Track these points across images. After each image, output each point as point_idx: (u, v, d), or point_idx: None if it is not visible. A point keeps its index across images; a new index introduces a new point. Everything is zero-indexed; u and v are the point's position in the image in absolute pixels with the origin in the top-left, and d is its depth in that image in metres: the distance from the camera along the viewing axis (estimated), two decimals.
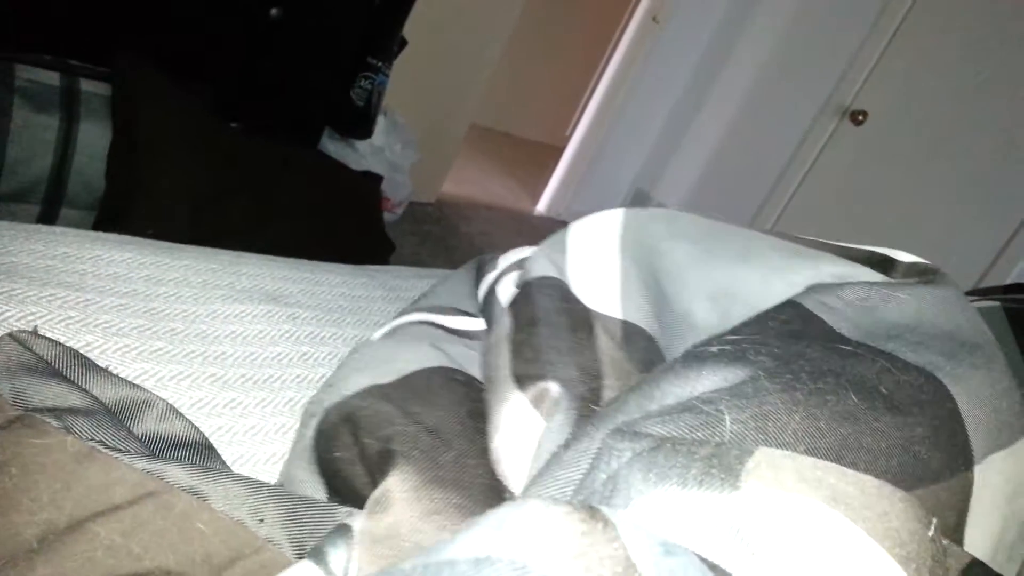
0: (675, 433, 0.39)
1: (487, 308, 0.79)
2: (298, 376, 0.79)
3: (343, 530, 0.48)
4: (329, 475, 0.59)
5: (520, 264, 0.79)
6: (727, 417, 0.39)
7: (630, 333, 0.63)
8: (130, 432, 0.53)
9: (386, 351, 0.69)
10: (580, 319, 0.62)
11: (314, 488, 0.59)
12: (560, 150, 3.69)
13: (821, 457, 0.37)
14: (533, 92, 4.83)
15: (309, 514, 0.51)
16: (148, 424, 0.55)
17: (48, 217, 1.46)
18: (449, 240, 2.79)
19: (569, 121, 5.02)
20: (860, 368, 0.44)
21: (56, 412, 0.50)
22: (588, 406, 0.52)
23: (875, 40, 2.75)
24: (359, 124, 2.07)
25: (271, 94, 1.82)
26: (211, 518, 0.48)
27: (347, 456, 0.56)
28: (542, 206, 3.63)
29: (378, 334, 0.76)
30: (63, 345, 0.57)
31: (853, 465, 0.37)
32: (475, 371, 0.67)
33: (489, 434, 0.55)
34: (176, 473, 0.49)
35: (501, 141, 4.70)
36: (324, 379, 0.75)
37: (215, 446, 0.61)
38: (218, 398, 0.70)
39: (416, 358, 0.66)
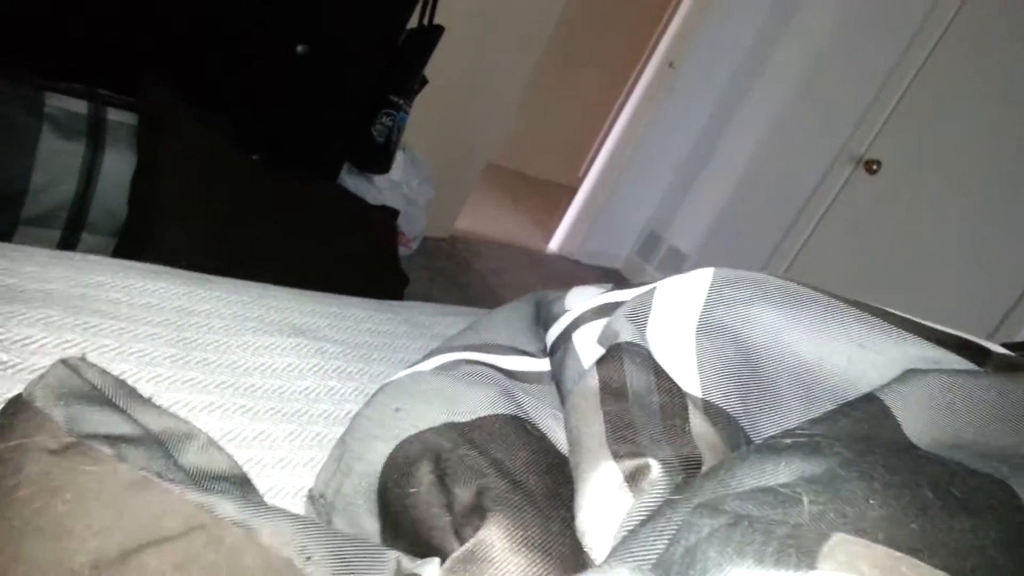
0: (754, 511, 0.40)
1: (560, 354, 0.79)
2: (325, 412, 0.80)
3: None
4: (394, 508, 0.59)
5: (601, 311, 0.79)
6: (805, 499, 0.40)
7: (712, 412, 0.63)
8: (178, 465, 0.54)
9: (451, 387, 0.70)
10: (672, 401, 0.62)
11: (363, 513, 0.60)
12: (573, 190, 3.73)
13: (897, 547, 0.38)
14: (547, 132, 4.89)
15: (356, 555, 0.52)
16: (190, 456, 0.57)
17: (69, 243, 1.49)
18: (461, 276, 2.81)
19: (582, 161, 5.08)
20: (932, 468, 0.46)
21: (109, 440, 0.51)
22: (679, 481, 0.53)
23: (891, 89, 2.79)
24: (378, 160, 2.11)
25: (293, 128, 1.86)
26: (259, 554, 0.48)
27: (428, 499, 0.57)
28: (554, 245, 3.66)
29: (429, 365, 0.77)
30: (110, 374, 0.59)
31: (929, 561, 0.38)
32: (545, 422, 0.67)
33: (576, 501, 0.56)
34: (226, 507, 0.49)
35: (515, 179, 4.75)
36: (351, 415, 0.76)
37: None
38: (248, 430, 0.72)
39: (488, 401, 0.67)
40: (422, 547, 0.56)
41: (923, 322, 0.65)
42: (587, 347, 0.75)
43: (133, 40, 1.57)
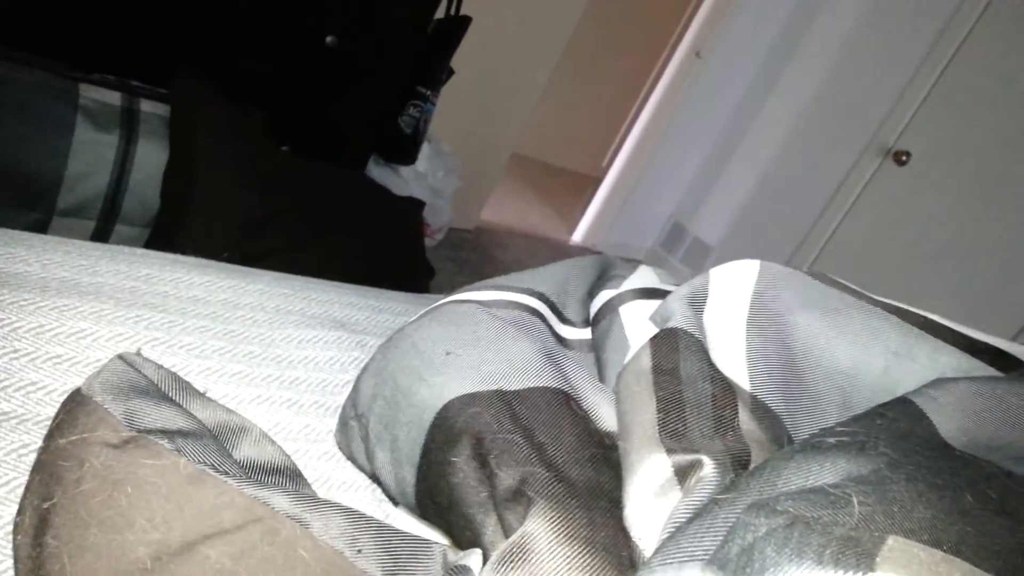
0: (808, 512, 0.40)
1: (604, 323, 0.79)
2: None
3: (463, 572, 0.49)
4: (434, 469, 0.60)
5: (649, 293, 0.79)
6: (855, 500, 0.41)
7: (758, 408, 0.64)
8: (232, 458, 0.55)
9: (500, 335, 0.70)
10: (723, 392, 0.63)
11: (404, 460, 0.62)
12: (597, 181, 3.72)
13: (943, 548, 0.38)
14: (571, 123, 4.87)
15: (404, 549, 0.53)
16: (244, 449, 0.58)
17: (102, 233, 1.50)
18: (486, 267, 2.82)
19: (607, 152, 5.06)
20: (969, 471, 0.46)
21: (166, 434, 0.52)
22: (728, 478, 0.53)
23: (921, 80, 2.76)
24: (405, 151, 2.11)
25: (322, 119, 1.86)
26: (313, 546, 0.49)
27: (469, 472, 0.58)
28: (578, 236, 3.65)
29: (482, 296, 0.77)
30: (165, 368, 0.60)
31: (971, 561, 0.39)
32: (588, 397, 0.67)
33: (624, 490, 0.56)
34: (280, 500, 0.50)
35: (539, 170, 4.74)
36: None
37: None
38: (294, 423, 0.73)
39: (535, 367, 0.66)
40: (456, 516, 0.57)
41: (957, 328, 0.66)
42: (635, 323, 0.75)
43: (165, 32, 1.58)
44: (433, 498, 0.60)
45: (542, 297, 0.80)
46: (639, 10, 4.38)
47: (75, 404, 0.54)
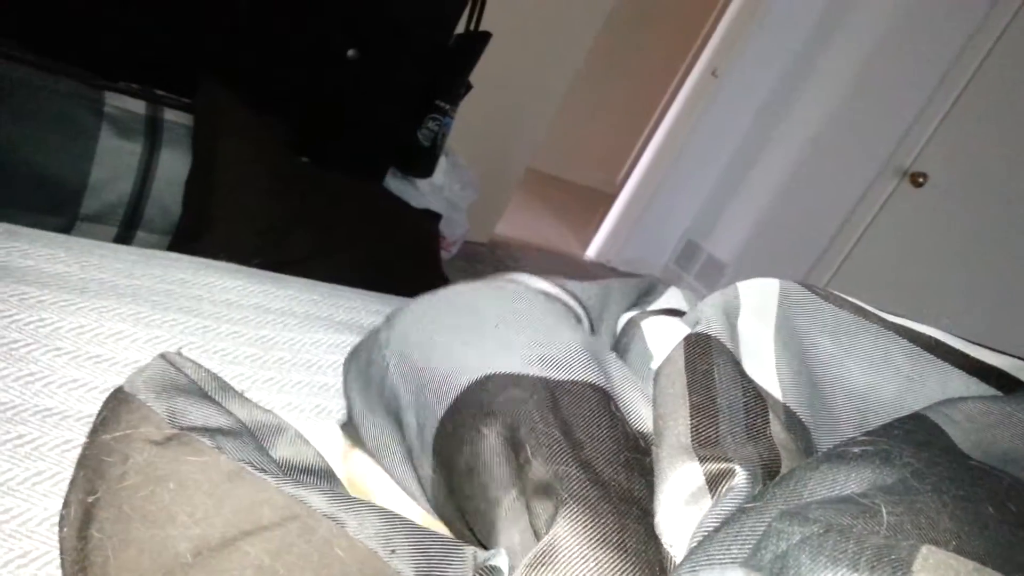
0: (838, 520, 0.42)
1: (624, 341, 0.80)
2: None
3: (494, 573, 0.50)
4: (458, 434, 0.60)
5: (673, 312, 0.80)
6: (883, 509, 0.42)
7: (790, 418, 0.65)
8: (270, 456, 0.56)
9: (550, 323, 0.70)
10: (755, 400, 0.63)
11: (416, 409, 0.63)
12: (612, 197, 3.73)
13: (968, 558, 0.40)
14: (587, 139, 4.90)
15: (437, 550, 0.54)
16: (280, 449, 0.59)
17: (124, 239, 1.52)
18: None
19: (621, 168, 5.08)
20: (989, 483, 0.48)
21: (207, 431, 0.53)
22: (756, 488, 0.54)
23: (940, 101, 2.77)
24: (423, 163, 2.13)
25: (342, 131, 1.89)
26: (348, 545, 0.50)
27: (499, 450, 0.58)
28: (592, 251, 3.67)
29: (533, 282, 0.77)
30: (205, 368, 0.61)
31: (1002, 570, 0.40)
32: (627, 395, 0.67)
33: (656, 497, 0.57)
34: (317, 499, 0.51)
35: (554, 185, 4.77)
36: None
37: None
38: (323, 429, 0.73)
39: (583, 360, 0.66)
40: (473, 483, 0.58)
41: (964, 349, 0.69)
42: (658, 333, 0.75)
43: (189, 43, 1.61)
44: (452, 454, 0.60)
45: (583, 306, 0.81)
46: (656, 28, 4.42)
47: (119, 401, 0.55)
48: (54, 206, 1.44)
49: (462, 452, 0.59)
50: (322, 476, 0.60)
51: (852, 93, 3.09)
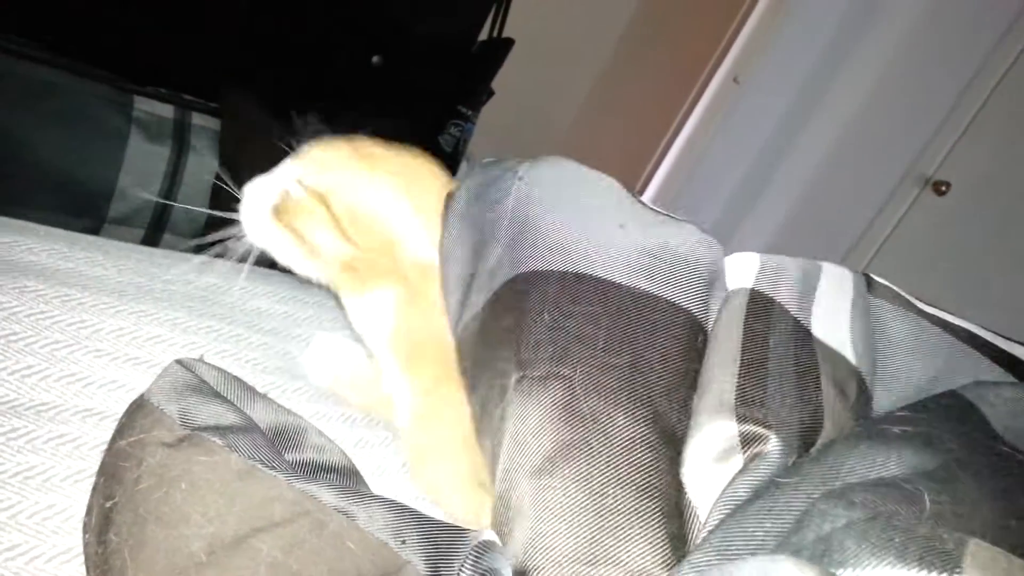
0: (886, 507, 0.42)
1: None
2: None
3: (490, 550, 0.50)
4: (515, 303, 0.61)
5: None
6: (926, 497, 0.43)
7: (860, 384, 0.64)
8: (280, 454, 0.57)
9: (668, 233, 0.68)
10: (810, 368, 0.63)
11: (496, 263, 0.63)
12: None
13: (1015, 554, 0.40)
14: (604, 147, 4.89)
15: (445, 538, 0.55)
16: (303, 448, 0.59)
17: (150, 242, 1.54)
18: None
19: (639, 176, 5.07)
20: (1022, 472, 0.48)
21: (219, 430, 0.54)
22: (790, 459, 0.54)
23: (964, 108, 2.74)
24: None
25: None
26: (360, 538, 0.51)
27: (539, 334, 0.58)
28: None
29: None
30: (222, 370, 0.62)
31: None
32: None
33: (687, 443, 0.57)
34: (327, 494, 0.52)
35: None
36: None
37: None
38: (348, 436, 0.76)
39: (685, 283, 0.64)
40: (496, 347, 0.60)
41: (998, 342, 0.71)
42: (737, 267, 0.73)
43: (215, 49, 1.63)
44: (506, 310, 0.61)
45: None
46: (676, 35, 4.39)
47: (135, 407, 0.57)
48: (82, 208, 1.47)
49: (513, 315, 0.60)
50: (344, 474, 0.61)
51: (874, 100, 3.06)
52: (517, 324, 0.59)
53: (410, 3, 1.77)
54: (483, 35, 2.07)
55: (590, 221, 0.66)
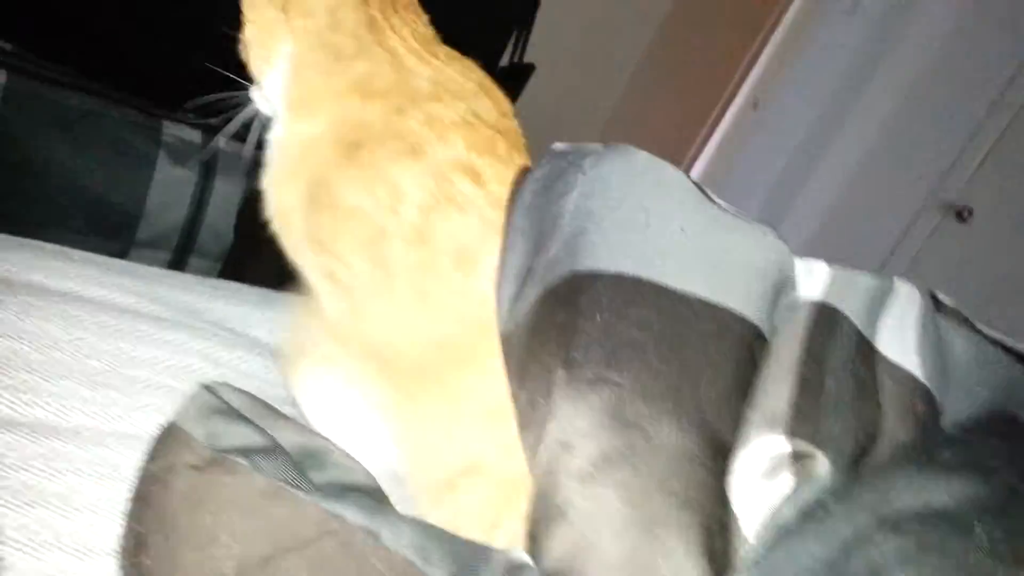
0: (935, 537, 0.43)
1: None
2: None
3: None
4: (569, 298, 0.60)
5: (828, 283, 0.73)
6: (981, 531, 0.43)
7: (927, 400, 0.63)
8: (306, 474, 0.59)
9: (731, 232, 0.67)
10: (870, 379, 0.61)
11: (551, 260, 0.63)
12: None
13: None
14: None
15: (470, 555, 0.56)
16: (327, 468, 0.62)
17: (177, 264, 1.59)
18: None
19: None
20: None
21: (244, 451, 0.57)
22: (839, 480, 0.54)
23: (987, 132, 2.72)
24: None
25: None
26: (386, 556, 0.53)
27: (586, 338, 0.58)
28: None
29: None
30: (247, 393, 0.65)
31: None
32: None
33: (734, 453, 0.56)
34: (352, 513, 0.54)
35: None
36: None
37: None
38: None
39: (745, 292, 0.63)
40: (545, 342, 0.60)
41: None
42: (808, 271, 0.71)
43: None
44: (560, 306, 0.61)
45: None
46: (693, 59, 4.42)
47: (165, 432, 0.60)
48: (112, 231, 1.52)
49: (566, 311, 0.60)
50: (370, 495, 0.63)
51: (895, 125, 3.06)
52: (570, 322, 0.59)
53: None
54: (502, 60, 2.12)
55: (651, 222, 0.64)
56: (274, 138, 0.82)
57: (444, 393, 0.71)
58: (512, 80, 2.15)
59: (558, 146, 0.76)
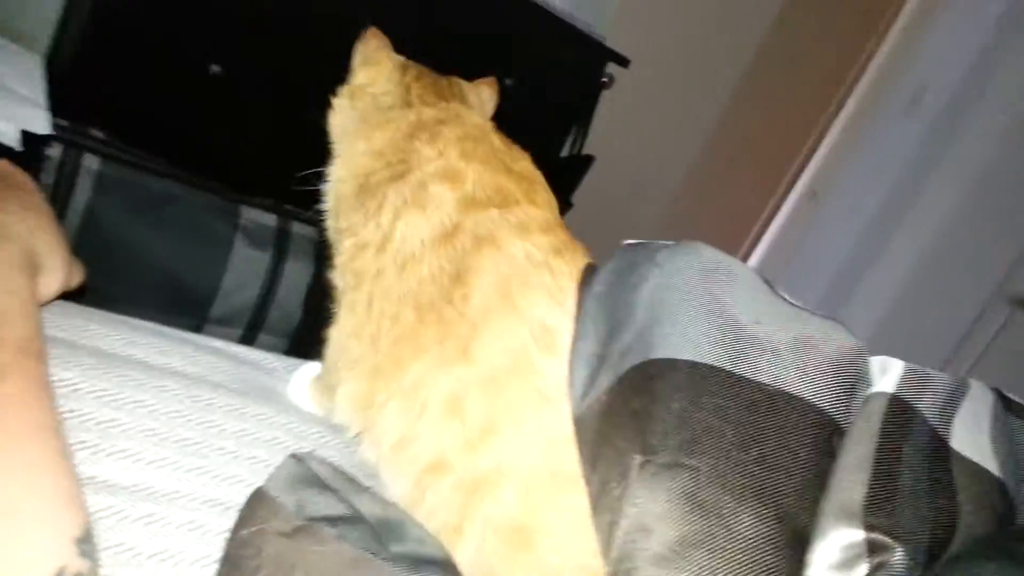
0: None
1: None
2: None
3: None
4: (644, 388, 0.63)
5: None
6: None
7: (1002, 495, 0.64)
8: (386, 545, 0.63)
9: (792, 312, 0.70)
10: (944, 474, 0.63)
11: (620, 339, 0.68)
12: None
13: None
14: None
15: None
16: (405, 541, 0.65)
17: (247, 341, 1.67)
18: None
19: None
20: None
21: (331, 521, 0.61)
22: (916, 574, 0.55)
23: None
24: None
25: None
26: None
27: (664, 427, 0.60)
28: None
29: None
30: (334, 465, 0.69)
31: None
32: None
33: (811, 545, 0.57)
34: None
35: None
36: None
37: None
38: None
39: (819, 382, 0.64)
40: (620, 432, 0.62)
41: None
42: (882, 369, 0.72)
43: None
44: (634, 396, 0.63)
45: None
46: (751, 149, 4.48)
47: (255, 499, 0.64)
48: (187, 309, 1.60)
49: (641, 398, 0.62)
50: (442, 567, 0.66)
51: (957, 218, 3.04)
52: (645, 409, 0.61)
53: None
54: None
55: (724, 313, 0.67)
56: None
57: (402, 388, 0.77)
58: (571, 171, 2.22)
59: (629, 242, 0.80)
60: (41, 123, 1.05)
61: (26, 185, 0.75)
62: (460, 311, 0.76)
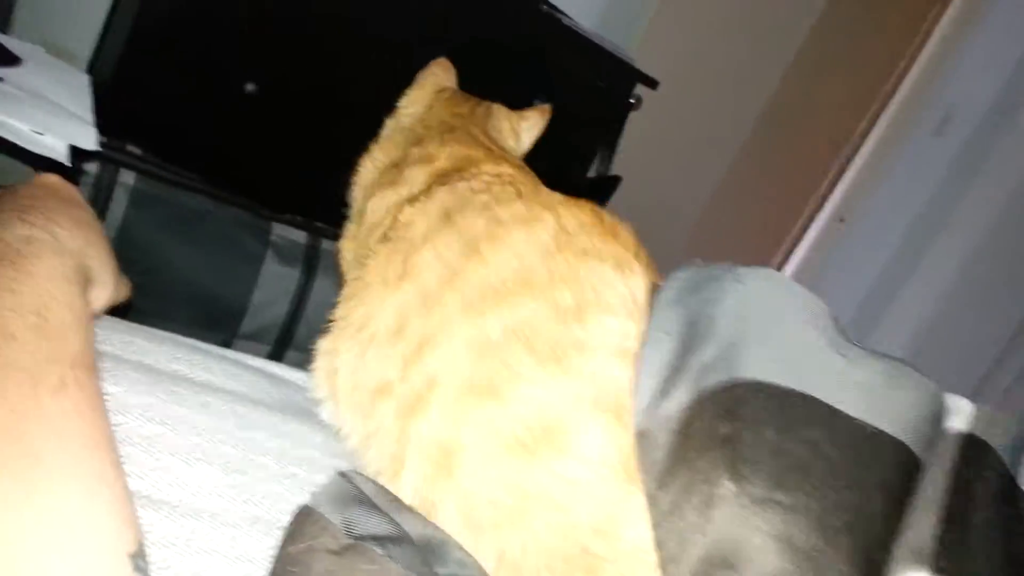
0: None
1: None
2: None
3: None
4: (727, 408, 0.61)
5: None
6: None
7: None
8: (431, 566, 0.64)
9: (880, 370, 0.67)
10: (1017, 515, 0.61)
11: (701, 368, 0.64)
12: None
13: None
14: None
15: None
16: (448, 562, 0.66)
17: (276, 356, 1.68)
18: None
19: None
20: None
21: (378, 540, 0.62)
22: None
23: None
24: None
25: None
26: None
27: (751, 453, 0.58)
28: None
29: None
30: (378, 483, 0.70)
31: None
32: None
33: None
34: None
35: None
36: None
37: None
38: None
39: (902, 419, 0.63)
40: (700, 453, 0.60)
41: None
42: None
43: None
44: (719, 417, 0.61)
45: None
46: (777, 174, 4.47)
47: (303, 516, 0.65)
48: (218, 324, 1.62)
49: (731, 423, 0.60)
50: None
51: (989, 243, 3.03)
52: (736, 434, 0.59)
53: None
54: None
55: (814, 342, 0.66)
56: None
57: (353, 325, 0.83)
58: (598, 191, 2.24)
59: (697, 261, 0.80)
60: (89, 139, 1.07)
61: (77, 200, 0.76)
62: (403, 236, 0.83)
